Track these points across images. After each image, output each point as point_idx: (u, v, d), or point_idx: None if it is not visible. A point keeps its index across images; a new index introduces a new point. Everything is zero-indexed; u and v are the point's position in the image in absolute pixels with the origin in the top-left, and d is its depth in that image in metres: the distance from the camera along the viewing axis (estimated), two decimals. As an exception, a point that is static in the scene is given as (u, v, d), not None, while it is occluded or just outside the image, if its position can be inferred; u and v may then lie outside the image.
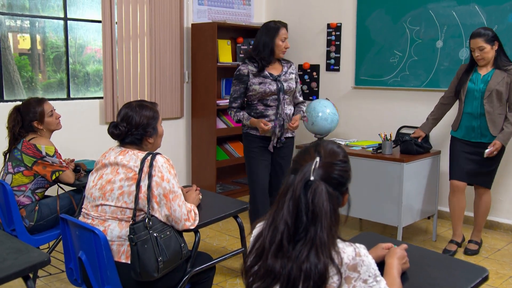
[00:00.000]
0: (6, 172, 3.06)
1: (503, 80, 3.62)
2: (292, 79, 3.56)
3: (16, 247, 1.93)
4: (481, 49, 3.63)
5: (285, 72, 3.55)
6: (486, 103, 3.66)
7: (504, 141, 3.67)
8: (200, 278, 2.46)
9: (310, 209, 1.38)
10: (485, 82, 3.66)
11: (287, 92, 3.52)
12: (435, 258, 1.96)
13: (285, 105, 3.52)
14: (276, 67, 3.56)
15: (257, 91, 3.46)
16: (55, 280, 3.35)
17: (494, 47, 3.65)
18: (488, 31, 3.65)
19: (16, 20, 4.49)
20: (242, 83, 3.51)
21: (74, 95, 4.80)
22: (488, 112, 3.66)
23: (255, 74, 3.47)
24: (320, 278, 1.35)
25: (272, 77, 3.48)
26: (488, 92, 3.64)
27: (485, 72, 3.72)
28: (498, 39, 3.66)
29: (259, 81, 3.46)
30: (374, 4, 5.00)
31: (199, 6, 5.46)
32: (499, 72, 3.65)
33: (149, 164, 2.16)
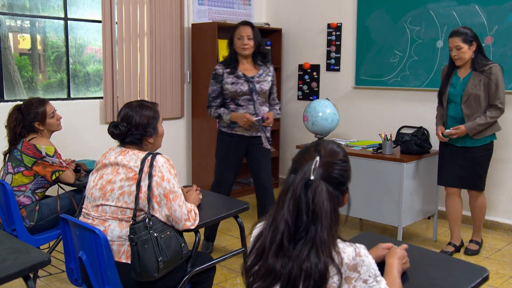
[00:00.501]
0: (6, 172, 3.06)
1: (479, 83, 3.55)
2: (266, 81, 3.66)
3: (17, 247, 1.93)
4: (458, 49, 3.57)
5: (260, 75, 3.66)
6: (464, 108, 3.62)
7: (470, 128, 3.57)
8: (201, 278, 2.46)
9: (311, 208, 1.38)
10: (464, 87, 3.61)
11: (260, 93, 3.62)
12: (435, 258, 1.96)
13: (259, 105, 3.63)
14: (251, 68, 3.67)
15: (229, 90, 3.59)
16: (55, 280, 3.35)
17: (472, 48, 3.57)
18: (467, 30, 3.58)
19: (16, 20, 4.49)
20: (218, 82, 3.64)
21: (75, 95, 4.80)
22: (467, 116, 3.61)
23: (229, 73, 3.60)
24: (320, 278, 1.35)
25: (245, 78, 3.59)
26: (466, 97, 3.60)
27: (464, 75, 3.66)
28: (477, 39, 3.58)
29: (231, 81, 3.58)
30: (374, 4, 5.00)
31: (200, 6, 5.46)
32: (476, 75, 3.58)
33: (149, 164, 2.16)
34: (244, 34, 3.59)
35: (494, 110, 3.58)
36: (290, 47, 5.90)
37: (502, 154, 4.34)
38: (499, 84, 3.55)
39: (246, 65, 3.67)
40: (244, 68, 3.65)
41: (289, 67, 5.93)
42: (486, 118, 3.57)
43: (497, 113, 3.59)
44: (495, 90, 3.55)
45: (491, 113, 3.57)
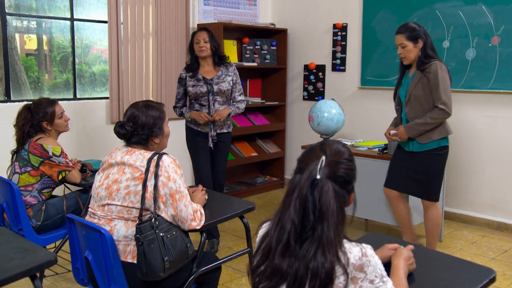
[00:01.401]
0: (13, 172, 3.07)
1: (419, 82, 3.33)
2: (225, 81, 3.93)
3: (23, 247, 1.94)
4: (402, 47, 3.37)
5: (219, 76, 3.93)
6: (407, 109, 3.42)
7: (408, 128, 3.35)
8: (206, 278, 2.46)
9: (317, 207, 1.38)
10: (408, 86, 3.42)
11: (218, 93, 3.90)
12: (441, 259, 1.95)
13: (217, 104, 3.91)
14: (211, 70, 3.96)
15: (191, 92, 3.93)
16: (61, 279, 3.37)
17: (418, 45, 3.34)
18: (413, 25, 3.37)
19: (22, 20, 4.51)
20: (182, 85, 3.99)
21: (81, 95, 4.82)
22: (411, 118, 3.39)
23: (191, 77, 3.93)
24: (327, 277, 1.35)
25: (204, 80, 3.90)
26: (408, 97, 3.40)
27: (411, 74, 3.45)
28: (423, 36, 3.34)
29: (192, 84, 3.92)
30: (380, 4, 4.99)
31: (205, 7, 5.47)
32: (418, 74, 3.36)
33: (155, 164, 2.16)
34: (201, 38, 3.90)
35: (436, 112, 3.28)
36: (295, 47, 5.90)
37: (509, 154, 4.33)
38: (438, 83, 3.25)
39: (207, 68, 3.96)
40: (204, 71, 3.95)
41: (295, 67, 5.92)
42: (426, 118, 3.30)
43: (439, 115, 3.28)
44: (434, 89, 3.28)
45: (432, 114, 3.29)
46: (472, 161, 4.57)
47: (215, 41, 3.95)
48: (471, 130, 4.55)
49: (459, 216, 4.69)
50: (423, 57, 3.34)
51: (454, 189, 4.68)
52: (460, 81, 4.52)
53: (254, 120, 5.77)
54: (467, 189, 4.63)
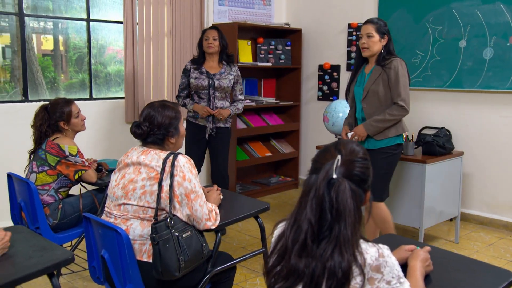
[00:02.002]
0: (31, 171, 3.11)
1: (379, 78, 3.28)
2: (227, 79, 4.17)
3: (41, 245, 1.96)
4: (368, 36, 3.29)
5: (221, 73, 4.17)
6: (364, 105, 3.35)
7: (367, 125, 3.29)
8: (221, 278, 2.46)
9: (334, 207, 1.38)
10: (366, 82, 3.35)
11: (218, 89, 4.13)
12: (459, 261, 1.93)
13: (216, 99, 4.14)
14: (216, 66, 4.21)
15: (193, 84, 4.16)
16: (77, 278, 3.40)
17: (383, 41, 3.32)
18: (381, 22, 3.35)
19: (39, 21, 4.57)
20: (186, 76, 4.22)
21: (96, 95, 4.86)
22: (368, 115, 3.33)
23: (195, 69, 4.17)
24: (343, 276, 1.35)
25: (207, 74, 4.14)
26: (365, 93, 3.33)
27: (368, 71, 3.39)
28: (389, 34, 3.35)
29: (195, 76, 4.15)
30: (396, 4, 4.96)
31: (220, 7, 5.48)
32: (377, 69, 3.31)
33: (171, 164, 2.17)
34: (210, 36, 4.16)
35: (395, 108, 3.26)
36: (310, 47, 5.88)
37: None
38: (399, 79, 3.24)
39: (211, 63, 4.21)
40: (209, 66, 4.20)
41: (309, 67, 5.91)
42: (385, 115, 3.26)
43: (398, 112, 3.26)
44: (394, 85, 3.25)
45: (390, 110, 3.26)
46: (489, 162, 4.52)
47: (224, 40, 4.21)
48: (488, 131, 4.50)
49: (476, 218, 4.64)
50: (385, 53, 3.32)
51: (470, 190, 4.63)
52: (477, 81, 4.47)
53: (269, 120, 5.77)
54: (484, 190, 4.58)
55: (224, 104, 4.23)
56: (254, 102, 5.49)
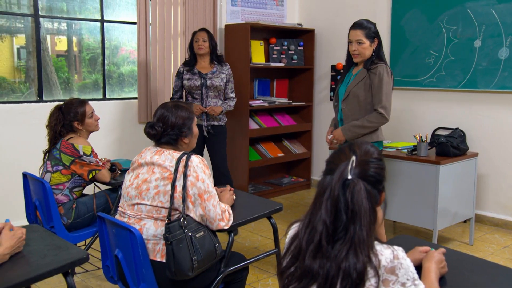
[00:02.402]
0: (45, 171, 3.13)
1: (362, 81, 3.22)
2: (219, 78, 4.32)
3: (56, 244, 1.98)
4: (359, 43, 3.22)
5: (213, 72, 4.33)
6: (344, 106, 3.29)
7: (345, 130, 3.24)
8: (234, 278, 2.46)
9: (350, 207, 1.37)
10: (349, 83, 3.29)
11: (210, 87, 4.29)
12: (474, 263, 1.91)
13: (209, 98, 4.30)
14: (206, 67, 4.37)
15: (186, 85, 4.33)
16: (91, 276, 3.42)
17: (373, 45, 3.25)
18: (370, 25, 3.25)
19: (53, 22, 4.61)
20: (179, 79, 4.40)
21: (109, 96, 4.89)
22: (346, 116, 3.28)
23: (187, 71, 4.34)
24: (358, 277, 1.34)
25: (199, 75, 4.30)
26: (346, 94, 3.26)
27: (355, 72, 3.33)
28: (379, 36, 3.28)
29: (188, 77, 4.32)
30: (410, 4, 4.93)
31: (233, 7, 5.49)
32: (362, 72, 3.25)
33: (184, 164, 2.18)
34: (200, 38, 4.31)
35: (375, 116, 3.20)
36: (323, 47, 5.87)
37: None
38: (382, 86, 3.18)
39: (203, 64, 4.38)
40: (201, 67, 4.36)
41: (322, 67, 5.89)
42: (363, 121, 3.20)
43: (377, 119, 3.20)
44: (376, 92, 3.19)
45: (370, 118, 3.20)
46: (504, 163, 4.47)
47: (213, 41, 4.38)
48: (504, 132, 4.45)
49: (491, 220, 4.59)
50: (374, 57, 3.26)
51: (485, 191, 4.59)
52: (492, 81, 4.42)
53: (281, 121, 5.76)
54: (499, 191, 4.53)
55: (217, 102, 4.37)
56: (266, 102, 5.49)
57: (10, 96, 4.34)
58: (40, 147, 3.36)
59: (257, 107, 5.37)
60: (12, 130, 4.15)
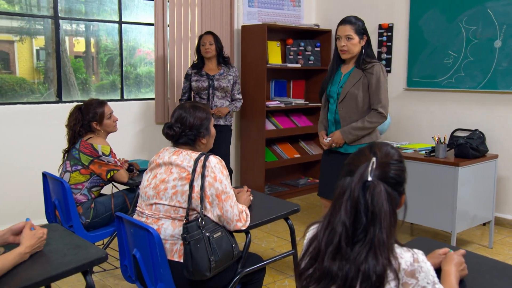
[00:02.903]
0: (65, 171, 3.17)
1: (359, 81, 3.16)
2: (226, 79, 4.46)
3: (75, 243, 2.00)
4: (348, 38, 3.14)
5: (221, 74, 4.46)
6: (340, 108, 3.21)
7: (345, 133, 3.17)
8: (251, 278, 2.46)
9: (370, 209, 1.36)
10: (343, 84, 3.22)
11: (218, 88, 4.42)
12: (494, 266, 1.88)
13: (216, 99, 4.43)
14: (214, 68, 4.50)
15: (194, 86, 4.47)
16: (109, 276, 3.45)
17: (362, 42, 3.18)
18: (359, 21, 3.19)
19: (72, 24, 4.66)
20: (188, 81, 4.53)
21: (127, 96, 4.93)
22: (343, 118, 3.22)
23: (195, 73, 4.48)
24: (378, 280, 1.33)
25: (207, 76, 4.44)
26: (343, 95, 3.19)
27: (346, 71, 3.25)
28: (367, 33, 3.21)
29: (196, 79, 4.46)
30: (428, 4, 4.88)
31: (249, 8, 5.49)
32: (356, 72, 3.18)
33: (202, 164, 2.18)
34: (207, 41, 4.43)
35: (375, 115, 3.17)
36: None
37: None
38: (380, 85, 3.15)
39: (210, 66, 4.51)
40: (208, 69, 4.49)
41: (339, 68, 5.86)
42: (364, 122, 3.16)
43: (377, 119, 3.17)
44: (375, 91, 3.15)
45: (370, 118, 3.16)
46: (525, 165, 4.40)
47: (219, 43, 4.48)
48: (524, 133, 4.38)
49: (511, 222, 4.52)
50: (365, 56, 3.19)
51: (505, 194, 4.52)
52: (513, 82, 4.36)
53: (297, 122, 5.75)
54: (519, 194, 4.46)
55: (224, 103, 4.50)
56: (283, 103, 5.48)
57: (30, 97, 4.40)
58: (59, 147, 3.40)
59: (274, 108, 5.36)
60: (32, 130, 4.21)
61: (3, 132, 4.08)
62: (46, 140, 4.24)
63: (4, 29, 4.35)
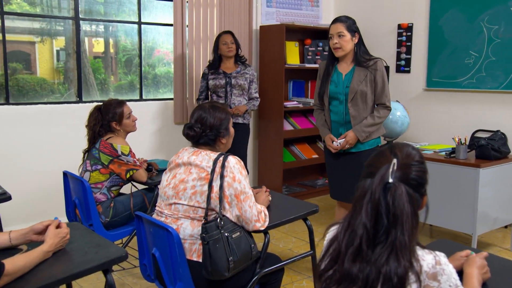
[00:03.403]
0: (85, 170, 3.20)
1: (365, 78, 3.21)
2: (243, 77, 4.49)
3: (96, 242, 2.02)
4: (340, 36, 3.21)
5: (237, 72, 4.50)
6: (351, 107, 3.24)
7: (359, 132, 3.21)
8: (269, 279, 2.46)
9: (391, 211, 1.35)
10: (348, 83, 3.24)
11: (235, 86, 4.45)
12: (518, 269, 1.85)
13: (233, 96, 4.45)
14: (232, 67, 4.53)
15: (211, 85, 4.50)
16: (127, 274, 3.47)
17: (354, 39, 3.25)
18: (350, 20, 3.27)
19: (91, 25, 4.71)
20: (205, 80, 4.57)
21: (145, 97, 4.96)
22: (354, 117, 3.25)
23: (212, 72, 4.51)
24: (399, 282, 1.31)
25: (224, 74, 4.47)
26: (352, 94, 3.22)
27: (346, 71, 3.29)
28: (359, 32, 3.28)
29: (213, 77, 4.50)
30: (449, 3, 4.82)
31: (268, 8, 5.49)
32: (360, 70, 3.23)
33: (221, 164, 2.19)
34: (228, 40, 4.46)
35: (382, 109, 3.26)
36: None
37: None
38: (385, 81, 3.25)
39: (228, 64, 4.53)
40: (225, 67, 4.53)
41: (357, 68, 5.83)
42: (374, 118, 3.23)
43: (385, 113, 3.27)
44: (382, 87, 3.23)
45: (379, 113, 3.24)
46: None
47: (238, 43, 4.54)
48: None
49: (532, 225, 4.45)
50: (362, 53, 3.27)
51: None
52: (535, 82, 4.29)
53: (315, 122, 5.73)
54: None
55: (241, 101, 4.52)
56: (301, 103, 5.47)
57: (50, 97, 4.45)
58: (79, 146, 3.44)
59: (292, 108, 5.35)
60: (53, 130, 4.26)
61: (25, 132, 4.14)
62: (66, 139, 4.30)
63: (26, 30, 4.42)
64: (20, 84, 4.31)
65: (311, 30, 5.64)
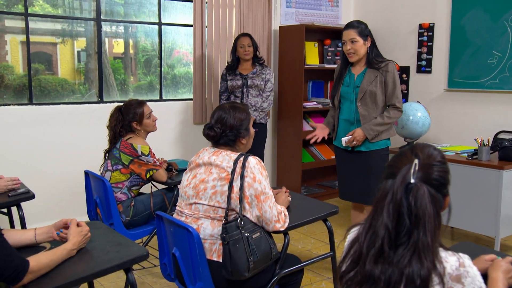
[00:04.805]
0: (106, 170, 3.23)
1: (376, 79, 3.25)
2: (259, 77, 4.53)
3: (117, 241, 2.03)
4: (353, 41, 3.26)
5: (254, 72, 4.54)
6: (360, 106, 3.29)
7: (367, 129, 3.25)
8: (289, 280, 2.45)
9: (413, 212, 1.33)
10: (359, 83, 3.30)
11: (251, 86, 4.49)
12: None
13: (250, 96, 4.50)
14: (249, 68, 4.58)
15: (228, 85, 4.57)
16: (147, 273, 3.50)
17: (367, 43, 3.29)
18: (362, 24, 3.30)
19: (111, 25, 4.75)
20: (224, 80, 4.64)
21: (165, 97, 4.99)
22: (363, 116, 3.29)
23: (230, 73, 4.59)
24: (422, 284, 1.30)
25: (241, 75, 4.54)
26: (361, 94, 3.27)
27: (358, 72, 3.34)
28: (371, 35, 3.32)
29: (230, 78, 4.57)
30: (471, 2, 4.76)
31: (287, 9, 5.48)
32: (371, 71, 3.28)
33: (241, 165, 2.19)
34: (245, 43, 4.49)
35: (393, 110, 3.29)
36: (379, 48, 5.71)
37: None
38: (396, 82, 3.27)
39: (245, 66, 4.58)
40: (242, 68, 4.58)
41: (377, 69, 5.78)
42: (384, 118, 3.27)
43: (396, 114, 3.29)
44: (392, 88, 3.26)
45: (389, 113, 3.28)
46: None
47: (256, 44, 4.58)
48: None
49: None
50: (374, 55, 3.31)
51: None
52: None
53: (334, 123, 5.70)
54: None
55: (258, 101, 4.53)
56: (320, 104, 5.44)
57: (71, 97, 4.51)
58: (101, 146, 3.47)
59: (311, 109, 5.34)
60: (74, 130, 4.32)
61: (47, 131, 4.20)
62: (88, 139, 4.34)
63: (48, 32, 4.48)
64: (42, 84, 4.38)
65: (330, 31, 5.61)
